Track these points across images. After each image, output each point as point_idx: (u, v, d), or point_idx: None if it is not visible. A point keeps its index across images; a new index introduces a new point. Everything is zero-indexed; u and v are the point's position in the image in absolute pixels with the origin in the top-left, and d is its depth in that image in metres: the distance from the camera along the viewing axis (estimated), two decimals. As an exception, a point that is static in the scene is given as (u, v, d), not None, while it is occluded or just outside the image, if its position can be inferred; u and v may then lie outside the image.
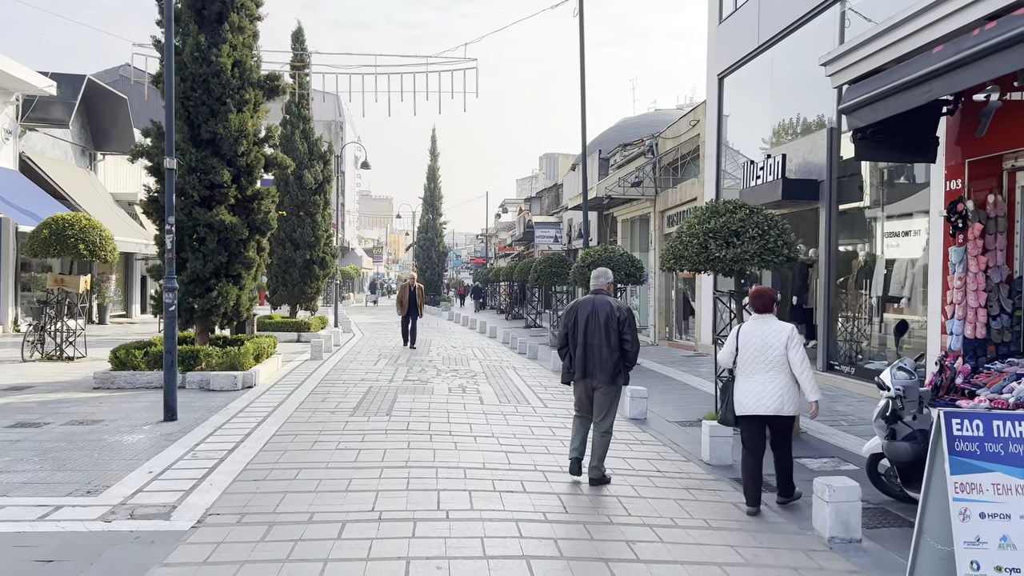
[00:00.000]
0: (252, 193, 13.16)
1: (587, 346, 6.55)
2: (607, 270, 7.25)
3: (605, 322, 6.52)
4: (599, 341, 6.51)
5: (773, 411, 5.88)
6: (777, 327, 6.00)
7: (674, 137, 21.38)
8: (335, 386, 12.21)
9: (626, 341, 6.53)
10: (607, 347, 6.49)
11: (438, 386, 12.43)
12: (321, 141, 22.24)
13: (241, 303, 13.13)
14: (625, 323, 6.55)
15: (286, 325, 20.97)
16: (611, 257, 16.77)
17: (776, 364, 5.87)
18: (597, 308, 6.60)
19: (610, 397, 6.64)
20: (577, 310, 6.69)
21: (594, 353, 6.53)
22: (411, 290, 19.54)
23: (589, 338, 6.54)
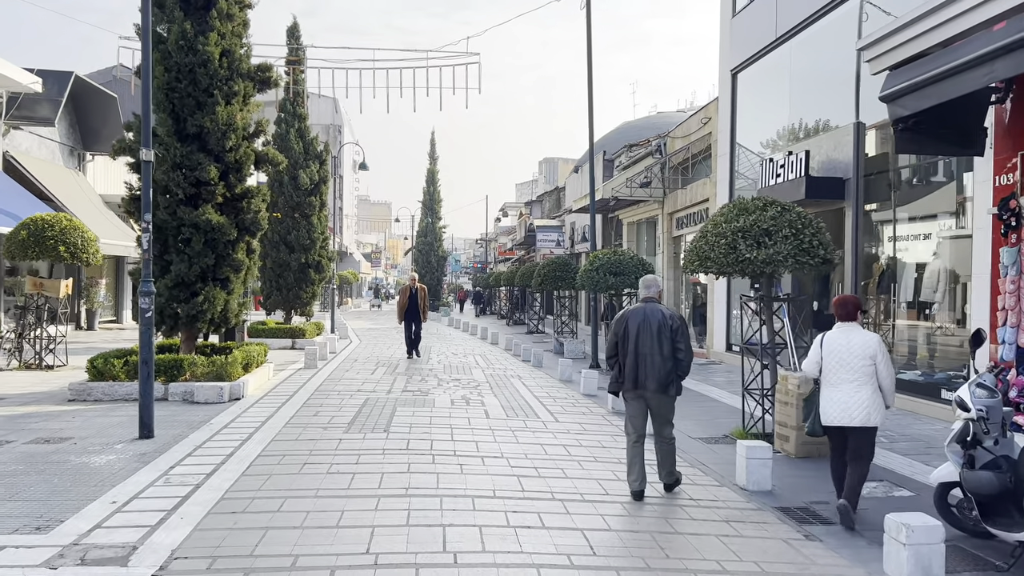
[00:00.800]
0: (241, 191, 12.34)
1: (639, 355, 6.35)
2: (656, 277, 7.06)
3: (658, 330, 6.34)
4: (651, 350, 6.32)
5: (860, 422, 5.75)
6: (863, 336, 5.87)
7: (683, 136, 20.59)
8: (329, 398, 11.38)
9: (679, 350, 6.35)
10: (660, 356, 6.30)
11: (440, 398, 11.60)
12: (317, 141, 21.44)
13: (229, 308, 12.30)
14: (678, 331, 6.37)
15: (280, 331, 20.12)
16: (620, 260, 15.97)
17: (862, 374, 5.77)
18: (649, 316, 6.41)
19: (666, 406, 6.47)
20: (628, 318, 6.49)
21: (646, 362, 6.33)
22: (412, 292, 17.67)
23: (641, 347, 6.35)
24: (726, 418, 10.49)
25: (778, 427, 8.53)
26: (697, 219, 19.86)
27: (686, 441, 8.92)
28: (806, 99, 15.01)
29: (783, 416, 8.42)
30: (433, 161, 52.66)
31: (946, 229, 11.06)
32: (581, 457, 7.87)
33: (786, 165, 13.43)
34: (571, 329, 23.33)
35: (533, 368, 16.83)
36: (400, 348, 20.51)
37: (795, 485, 7.01)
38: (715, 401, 12.10)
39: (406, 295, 17.68)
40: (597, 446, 8.51)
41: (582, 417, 10.40)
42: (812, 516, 6.08)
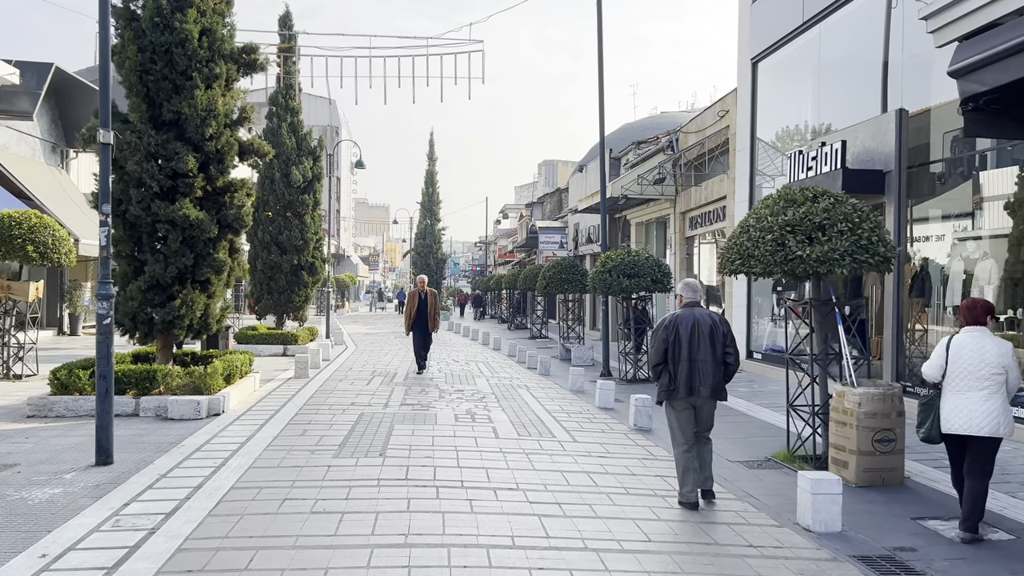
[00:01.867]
0: (223, 184, 11.22)
1: (692, 361, 6.23)
2: (696, 281, 6.88)
3: (710, 335, 6.26)
4: (706, 355, 6.22)
5: (988, 432, 5.42)
6: (995, 343, 5.52)
7: (698, 131, 19.49)
8: (319, 413, 10.24)
9: (729, 354, 6.28)
10: (712, 361, 6.23)
11: (442, 413, 10.47)
12: (311, 136, 20.31)
13: (210, 313, 11.18)
14: (728, 335, 6.33)
15: (271, 337, 18.98)
16: (635, 261, 14.87)
17: (993, 383, 5.44)
18: (699, 321, 6.30)
19: (712, 409, 6.47)
20: (678, 324, 6.33)
21: (699, 368, 6.23)
22: (421, 298, 15.07)
23: (695, 353, 6.24)
24: (761, 436, 9.37)
25: (834, 451, 7.41)
26: (713, 218, 18.76)
27: (724, 465, 7.81)
28: (836, 88, 13.92)
29: (841, 438, 7.30)
30: (432, 162, 51.60)
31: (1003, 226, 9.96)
32: (609, 488, 6.75)
33: (819, 157, 12.33)
34: (578, 335, 22.21)
35: (540, 377, 15.72)
36: (398, 356, 19.36)
37: (867, 524, 5.89)
38: (744, 415, 10.98)
39: (414, 301, 15.07)
40: (625, 473, 7.39)
41: (602, 436, 9.27)
42: (901, 569, 4.97)
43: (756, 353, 16.29)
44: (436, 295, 15.14)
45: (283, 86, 19.83)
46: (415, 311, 14.97)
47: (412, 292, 15.35)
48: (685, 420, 6.34)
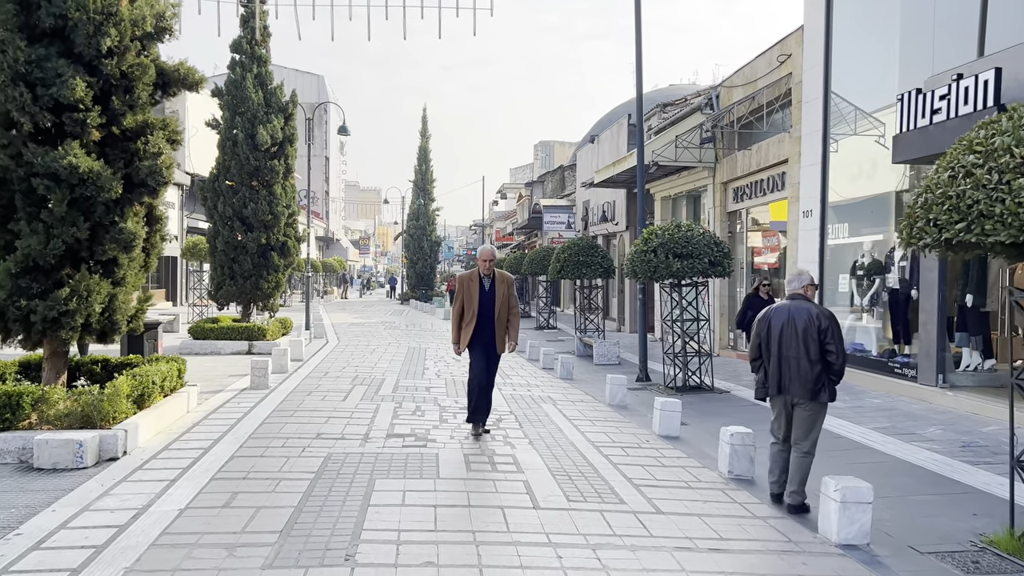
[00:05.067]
0: (134, 124, 7.93)
1: (782, 358, 5.77)
2: (805, 271, 6.16)
3: (804, 331, 5.68)
4: (797, 352, 5.70)
5: None
6: None
7: (745, 84, 16.23)
8: (266, 455, 7.02)
9: (829, 352, 5.63)
10: (806, 359, 5.66)
11: (447, 453, 7.27)
12: (282, 89, 16.97)
13: (117, 306, 7.92)
14: (827, 332, 5.64)
15: (234, 332, 15.72)
16: (689, 238, 11.66)
17: None
18: (794, 315, 5.76)
19: (812, 415, 5.75)
20: (771, 318, 5.90)
21: (790, 366, 5.73)
22: (484, 288, 8.07)
23: (784, 349, 5.76)
24: (926, 493, 6.22)
25: None
26: (768, 187, 15.55)
27: (911, 559, 4.65)
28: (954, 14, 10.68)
29: None
30: (425, 139, 48.09)
31: None
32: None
33: (953, 95, 9.12)
34: (597, 327, 19.03)
35: (563, 383, 12.56)
36: (387, 353, 16.09)
37: None
38: (867, 448, 7.79)
39: (472, 294, 8.03)
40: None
41: (692, 496, 6.10)
42: None
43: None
44: (511, 284, 8.25)
45: (248, 29, 16.46)
46: (475, 312, 7.93)
47: (465, 277, 8.21)
48: (778, 412, 5.96)
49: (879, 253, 12.58)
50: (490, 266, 8.10)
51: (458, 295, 8.12)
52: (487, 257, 8.18)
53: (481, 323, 7.94)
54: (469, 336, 7.96)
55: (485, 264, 8.11)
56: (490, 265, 8.11)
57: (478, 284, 8.04)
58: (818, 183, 13.46)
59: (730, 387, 12.13)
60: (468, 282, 8.11)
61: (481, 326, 7.94)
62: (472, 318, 7.93)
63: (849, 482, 5.20)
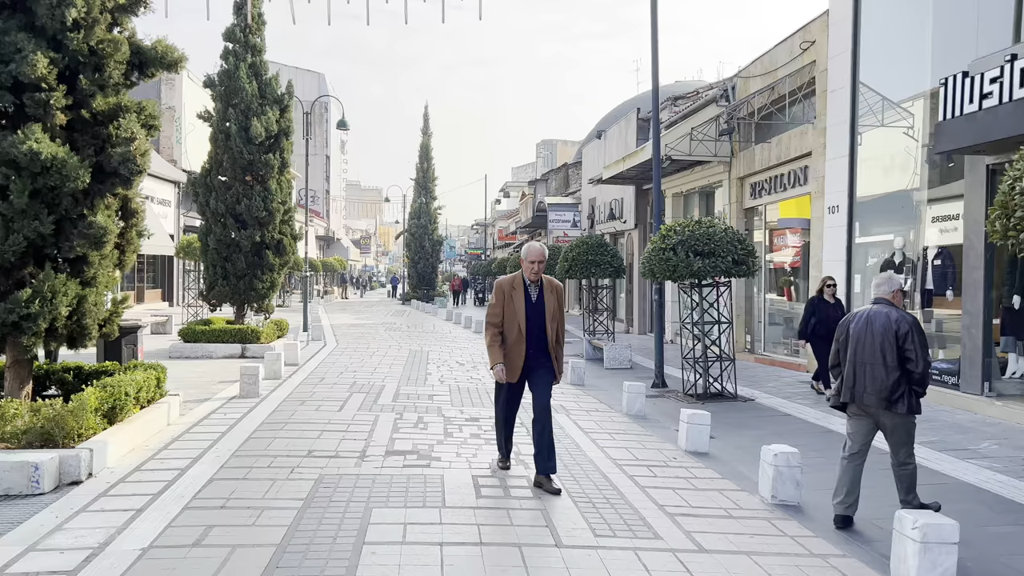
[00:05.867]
0: (105, 108, 7.14)
1: (856, 364, 5.44)
2: (892, 275, 5.81)
3: (881, 336, 5.33)
4: (872, 359, 5.35)
5: None
6: None
7: (764, 73, 15.44)
8: (250, 476, 6.23)
9: (909, 360, 5.23)
10: (882, 366, 5.29)
11: (452, 473, 6.49)
12: (277, 80, 16.19)
13: (86, 308, 7.14)
14: (907, 337, 5.26)
15: (226, 335, 14.93)
16: (710, 235, 10.87)
17: None
18: (872, 319, 5.43)
19: (900, 427, 5.37)
20: (850, 322, 5.59)
21: (865, 373, 5.39)
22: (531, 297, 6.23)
23: (859, 354, 5.42)
24: (1006, 523, 5.43)
25: None
26: (789, 182, 14.75)
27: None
28: None
29: None
30: (426, 136, 47.26)
31: None
32: None
33: (1007, 77, 8.32)
34: (607, 328, 18.24)
35: (575, 389, 11.79)
36: (387, 357, 15.30)
37: None
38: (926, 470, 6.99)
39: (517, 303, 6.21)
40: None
41: (737, 527, 5.31)
42: None
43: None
44: (562, 294, 6.44)
45: (241, 16, 15.67)
46: (521, 326, 6.16)
47: (506, 284, 6.31)
48: (853, 428, 5.61)
49: (911, 252, 11.81)
50: (539, 270, 6.16)
51: (495, 305, 6.22)
52: (536, 258, 6.15)
53: (528, 343, 6.14)
54: (521, 360, 6.14)
55: (533, 267, 6.14)
56: (539, 269, 6.15)
57: (523, 293, 6.13)
58: (845, 177, 12.67)
59: (753, 394, 11.34)
60: (510, 290, 6.17)
61: (528, 346, 6.15)
62: (519, 336, 6.11)
63: (930, 518, 4.42)
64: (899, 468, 5.47)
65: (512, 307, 6.15)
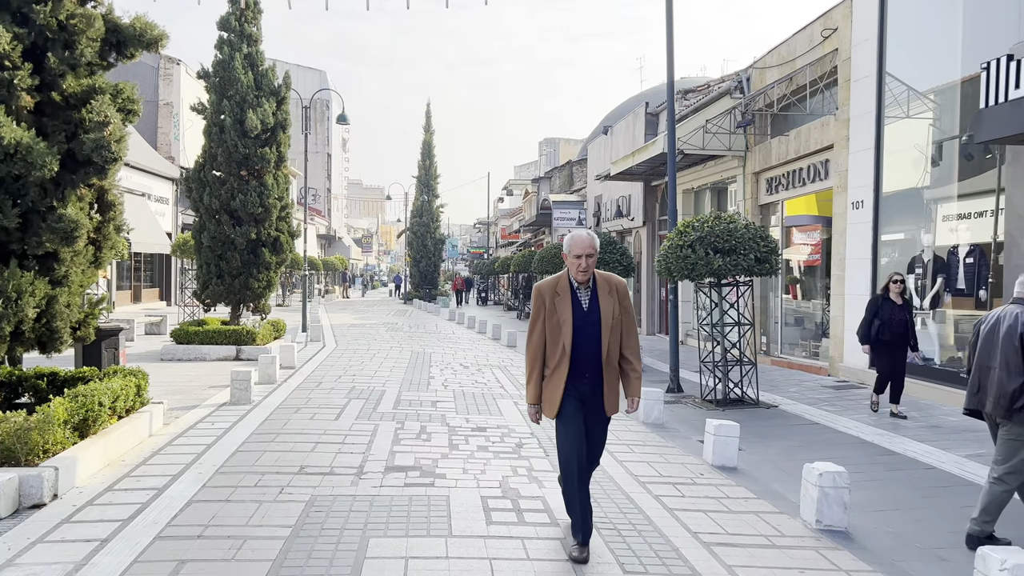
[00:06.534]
0: (78, 90, 6.51)
1: (980, 367, 5.05)
2: None
3: (1005, 337, 4.85)
4: (994, 361, 4.91)
5: None
6: None
7: (781, 63, 14.78)
8: (234, 498, 5.60)
9: None
10: (1003, 370, 4.81)
11: (459, 493, 5.85)
12: (274, 71, 15.54)
13: (57, 310, 6.52)
14: None
15: (219, 336, 14.30)
16: (732, 231, 10.23)
17: None
18: (1002, 320, 4.95)
19: (1011, 439, 4.82)
20: (981, 324, 5.15)
21: (986, 376, 4.97)
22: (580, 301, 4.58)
23: (982, 357, 5.03)
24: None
25: None
26: (808, 177, 14.09)
27: None
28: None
29: None
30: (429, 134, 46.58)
31: None
32: None
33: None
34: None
35: (587, 395, 11.12)
36: (388, 359, 14.63)
37: None
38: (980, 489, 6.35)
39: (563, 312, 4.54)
40: None
41: (783, 559, 4.69)
42: None
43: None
44: (626, 294, 4.67)
45: (236, 3, 15.04)
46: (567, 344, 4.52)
47: (546, 288, 4.63)
48: (993, 433, 5.06)
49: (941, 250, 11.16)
50: (590, 267, 4.48)
51: (534, 319, 4.60)
52: (584, 250, 4.44)
53: (578, 366, 4.49)
54: (561, 390, 4.47)
55: (580, 264, 4.44)
56: (590, 265, 4.47)
57: (569, 300, 4.49)
58: (870, 170, 12.02)
59: (775, 400, 10.70)
60: (552, 297, 4.53)
61: (578, 370, 4.50)
62: (563, 358, 4.47)
63: (1020, 558, 3.78)
64: (991, 483, 5.01)
65: (555, 320, 4.47)
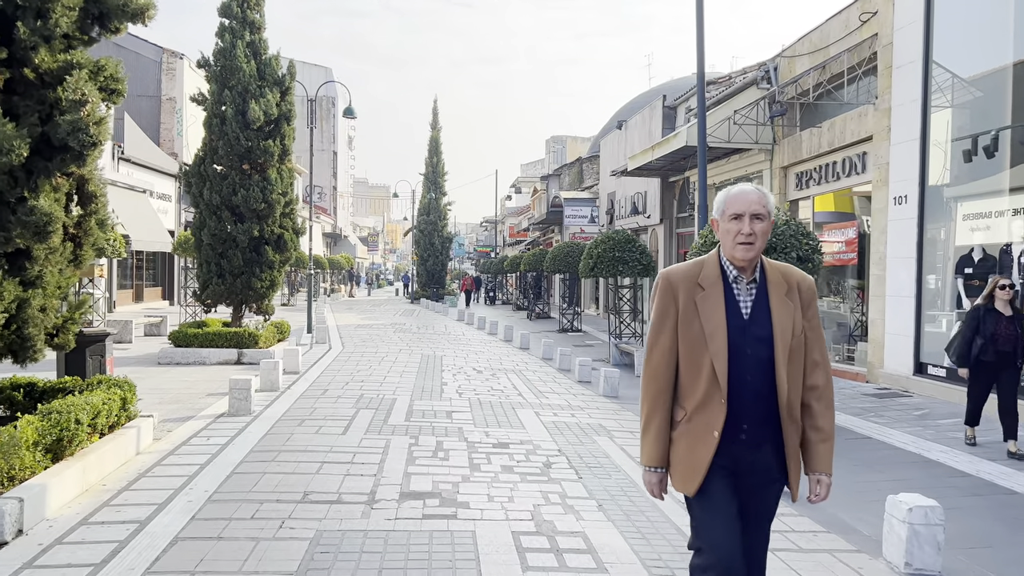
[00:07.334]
0: (54, 66, 5.76)
1: None
2: None
3: None
4: None
5: None
6: None
7: (813, 52, 13.97)
8: (226, 535, 4.84)
9: None
10: None
11: (485, 525, 5.08)
12: (278, 60, 14.80)
13: (29, 315, 5.77)
14: None
15: (220, 339, 13.56)
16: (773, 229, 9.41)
17: None
18: None
19: None
20: None
21: None
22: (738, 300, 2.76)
23: None
24: None
25: None
26: (843, 171, 13.29)
27: None
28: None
29: None
30: (436, 130, 45.84)
31: None
32: None
33: None
34: (634, 331, 16.85)
35: (611, 404, 10.41)
36: (398, 362, 13.87)
37: None
38: None
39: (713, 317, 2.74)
40: None
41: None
42: None
43: (933, 367, 10.88)
44: (812, 293, 2.84)
45: (238, -11, 14.30)
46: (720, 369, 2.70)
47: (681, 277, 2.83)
48: None
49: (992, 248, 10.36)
50: (757, 238, 2.72)
51: (658, 325, 2.84)
52: (750, 207, 2.74)
53: (734, 409, 2.71)
54: (707, 451, 2.71)
55: (742, 229, 2.73)
56: (756, 235, 2.72)
57: (722, 295, 2.77)
58: (915, 163, 11.22)
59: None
60: (691, 289, 2.80)
61: (734, 418, 2.71)
62: (711, 395, 2.72)
63: None
64: None
65: (696, 329, 2.75)
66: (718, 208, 2.86)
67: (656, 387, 2.81)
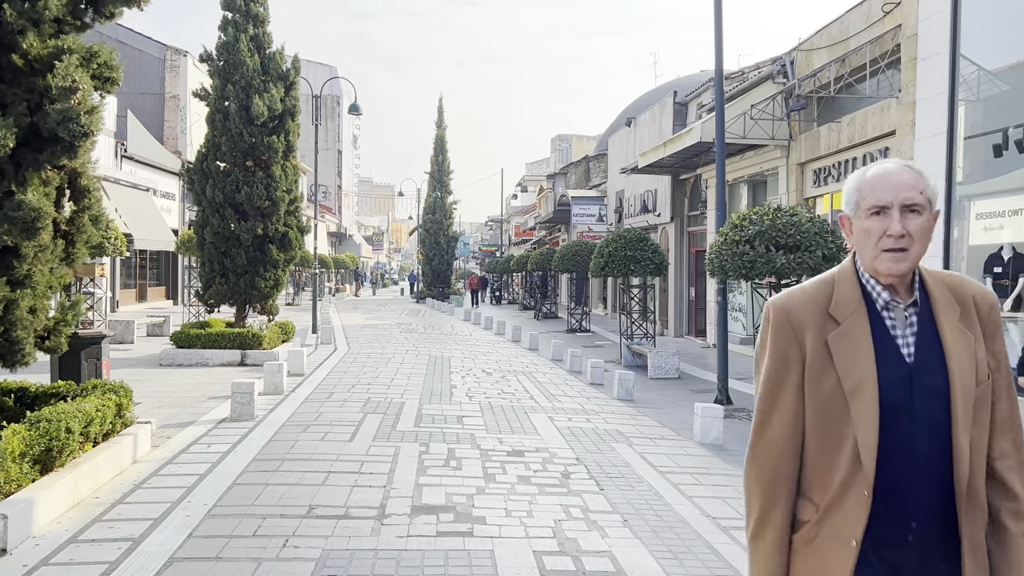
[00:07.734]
0: (44, 52, 5.41)
1: None
2: None
3: None
4: None
5: None
6: None
7: (832, 44, 13.58)
8: (224, 556, 4.48)
9: None
10: None
11: (504, 543, 4.71)
12: (282, 55, 14.45)
13: (17, 317, 5.43)
14: None
15: (223, 339, 13.22)
16: (795, 224, 9.08)
17: None
18: None
19: None
20: None
21: None
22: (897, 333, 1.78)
23: None
24: None
25: None
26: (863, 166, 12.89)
27: None
28: None
29: None
30: (441, 129, 45.49)
31: None
32: None
33: None
34: (646, 332, 16.47)
35: (626, 407, 10.05)
36: (405, 363, 13.51)
37: None
38: None
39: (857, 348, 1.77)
40: None
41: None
42: None
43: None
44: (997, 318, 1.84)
45: (241, -18, 13.96)
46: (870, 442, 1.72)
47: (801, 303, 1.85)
48: None
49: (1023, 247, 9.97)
50: (912, 238, 1.76)
51: (773, 386, 1.85)
52: (899, 196, 1.78)
53: (897, 501, 1.74)
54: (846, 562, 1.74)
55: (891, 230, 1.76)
56: (912, 233, 1.76)
57: (867, 329, 1.80)
58: (942, 159, 10.81)
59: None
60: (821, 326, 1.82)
61: (895, 515, 1.74)
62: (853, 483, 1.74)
63: None
64: None
65: (831, 386, 1.79)
66: (849, 198, 1.91)
67: (772, 473, 1.85)
